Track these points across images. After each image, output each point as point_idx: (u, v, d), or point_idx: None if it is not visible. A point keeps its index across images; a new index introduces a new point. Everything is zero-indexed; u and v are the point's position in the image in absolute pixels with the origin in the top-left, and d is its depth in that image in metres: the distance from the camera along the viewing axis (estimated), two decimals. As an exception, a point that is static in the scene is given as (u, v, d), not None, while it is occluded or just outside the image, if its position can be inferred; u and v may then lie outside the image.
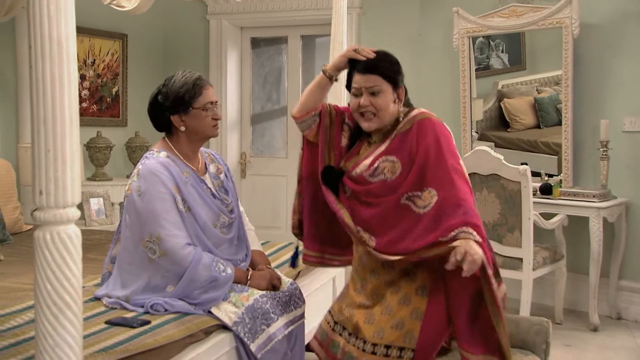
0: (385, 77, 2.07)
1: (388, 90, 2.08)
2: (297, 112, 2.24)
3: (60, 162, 1.33)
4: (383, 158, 2.07)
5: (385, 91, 2.07)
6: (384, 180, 2.04)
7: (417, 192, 1.98)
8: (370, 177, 2.07)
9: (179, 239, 2.11)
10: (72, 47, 1.35)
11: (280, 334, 2.22)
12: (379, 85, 2.06)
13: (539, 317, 2.28)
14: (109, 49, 5.06)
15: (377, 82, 2.07)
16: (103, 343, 1.78)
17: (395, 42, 4.93)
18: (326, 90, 2.26)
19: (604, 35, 4.11)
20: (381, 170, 2.05)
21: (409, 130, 2.06)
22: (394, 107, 2.10)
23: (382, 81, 2.07)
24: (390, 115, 2.10)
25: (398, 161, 2.04)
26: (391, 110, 2.09)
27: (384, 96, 2.07)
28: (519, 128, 4.51)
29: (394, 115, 2.11)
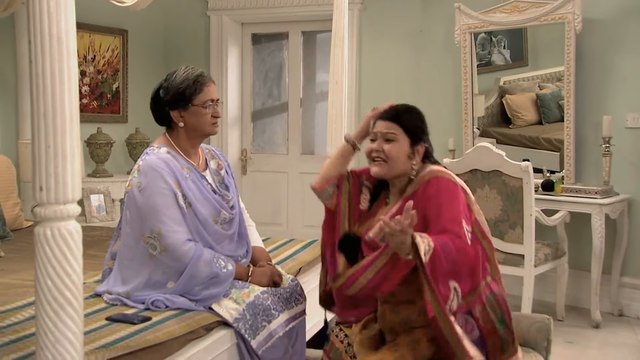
0: (403, 128, 2.03)
1: (404, 142, 2.02)
2: (317, 184, 2.21)
3: (61, 158, 1.33)
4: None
5: (400, 141, 2.02)
6: None
7: None
8: (381, 242, 1.99)
9: (180, 234, 2.10)
10: (72, 43, 1.34)
11: (281, 330, 2.21)
12: (396, 134, 2.03)
13: (540, 314, 2.28)
14: (109, 44, 5.05)
15: (394, 129, 2.03)
16: (104, 339, 1.77)
17: (396, 37, 4.92)
18: (349, 159, 2.22)
19: (607, 31, 4.09)
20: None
21: (416, 192, 1.99)
22: (407, 161, 2.03)
23: (399, 131, 2.03)
24: (400, 167, 2.03)
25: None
26: (402, 163, 2.03)
27: (398, 146, 2.02)
28: (521, 124, 4.50)
29: (406, 171, 2.04)
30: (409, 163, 2.04)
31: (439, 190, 1.94)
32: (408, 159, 2.03)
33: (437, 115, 4.75)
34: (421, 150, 2.04)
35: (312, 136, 5.54)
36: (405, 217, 1.70)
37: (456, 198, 1.93)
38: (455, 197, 1.93)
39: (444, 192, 1.94)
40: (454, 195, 1.94)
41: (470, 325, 1.89)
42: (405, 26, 4.87)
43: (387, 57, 4.97)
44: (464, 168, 3.67)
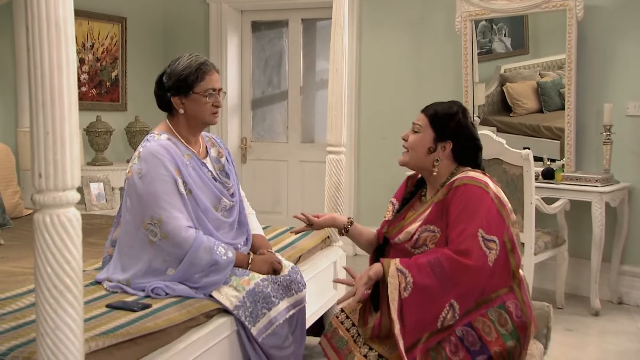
0: (430, 120, 2.04)
1: (427, 134, 2.03)
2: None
3: (60, 145, 1.32)
4: (423, 228, 2.00)
5: (423, 133, 2.04)
6: (427, 250, 1.98)
7: None
8: (413, 249, 2.02)
9: (180, 221, 2.10)
10: (70, 29, 1.33)
11: (281, 317, 2.22)
12: (421, 126, 2.05)
13: (540, 301, 2.28)
14: (108, 32, 5.02)
15: (422, 121, 2.06)
16: (104, 326, 1.77)
17: (396, 25, 4.89)
18: (364, 235, 2.31)
19: (609, 18, 4.07)
20: (423, 241, 2.00)
21: (444, 199, 1.98)
22: (426, 154, 2.03)
23: (426, 122, 2.05)
24: (418, 158, 2.04)
25: (439, 231, 1.97)
26: (420, 154, 2.04)
27: (419, 137, 2.04)
28: (522, 112, 4.49)
29: (426, 165, 2.05)
30: (429, 158, 2.04)
31: (462, 199, 1.92)
32: (428, 152, 2.03)
33: (437, 103, 4.75)
34: (447, 147, 2.03)
35: (312, 124, 5.53)
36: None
37: (480, 208, 1.90)
38: (480, 207, 1.90)
39: (467, 200, 1.91)
40: (477, 205, 1.90)
41: (471, 337, 1.87)
42: (405, 14, 4.85)
43: (387, 44, 4.95)
44: (464, 156, 3.66)
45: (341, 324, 2.14)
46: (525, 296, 1.95)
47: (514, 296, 1.92)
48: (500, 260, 1.89)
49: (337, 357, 2.08)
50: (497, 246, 1.88)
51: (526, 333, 1.91)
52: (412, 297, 1.84)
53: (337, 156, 3.25)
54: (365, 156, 5.10)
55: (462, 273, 1.83)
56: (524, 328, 1.91)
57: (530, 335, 1.93)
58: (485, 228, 1.87)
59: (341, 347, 2.08)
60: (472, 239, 1.85)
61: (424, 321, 1.85)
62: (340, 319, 2.16)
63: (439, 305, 1.84)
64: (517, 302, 1.92)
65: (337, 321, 2.16)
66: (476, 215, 1.88)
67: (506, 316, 1.90)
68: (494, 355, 1.87)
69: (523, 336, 1.91)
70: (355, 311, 2.14)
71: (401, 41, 4.90)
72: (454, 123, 2.04)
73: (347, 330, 2.11)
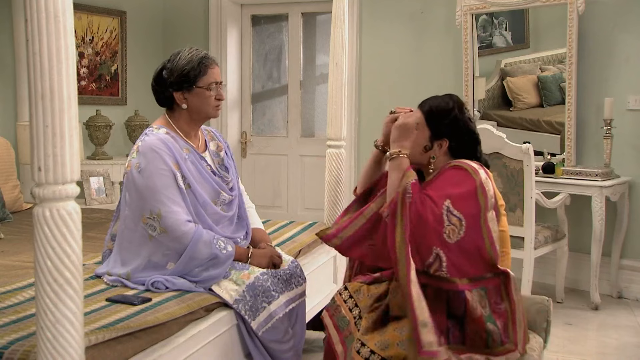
0: (425, 117, 2.04)
1: (424, 132, 2.03)
2: (358, 190, 2.24)
3: (59, 138, 1.32)
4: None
5: (421, 130, 2.03)
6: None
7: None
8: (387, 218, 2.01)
9: (180, 215, 2.10)
10: (69, 21, 1.33)
11: (281, 311, 2.22)
12: (418, 123, 2.04)
13: (540, 295, 2.28)
14: (107, 26, 5.01)
15: (418, 117, 2.05)
16: (104, 320, 1.77)
17: (397, 19, 4.88)
18: (382, 164, 2.22)
19: (610, 12, 4.06)
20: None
21: (432, 179, 2.01)
22: (421, 153, 2.03)
23: (422, 121, 2.04)
24: (414, 156, 2.03)
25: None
26: (416, 151, 2.03)
27: (416, 135, 2.04)
28: (522, 107, 4.48)
29: (422, 161, 2.05)
30: (425, 155, 2.04)
31: (446, 175, 1.94)
32: (424, 150, 2.03)
33: (437, 97, 4.74)
34: (444, 144, 2.03)
35: (312, 119, 5.52)
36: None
37: (458, 185, 1.90)
38: (458, 184, 1.90)
39: (449, 176, 1.93)
40: (457, 182, 1.91)
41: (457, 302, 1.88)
42: (406, 7, 4.83)
43: (387, 38, 4.93)
44: (464, 150, 3.66)
45: (344, 302, 2.14)
46: (512, 292, 1.94)
47: (498, 283, 1.93)
48: (467, 242, 1.88)
49: (339, 336, 2.08)
50: (460, 225, 1.88)
51: (505, 323, 1.91)
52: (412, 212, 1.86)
53: (337, 150, 3.25)
54: (366, 150, 5.09)
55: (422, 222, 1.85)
56: (501, 316, 1.91)
57: (518, 331, 1.92)
58: (453, 201, 1.87)
59: (342, 326, 2.08)
60: (437, 204, 1.86)
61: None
62: (343, 297, 2.15)
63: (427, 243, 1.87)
64: (500, 290, 1.93)
65: (340, 298, 2.15)
66: (452, 188, 1.89)
67: (486, 299, 1.91)
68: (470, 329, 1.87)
69: (502, 325, 1.90)
70: (359, 291, 2.14)
71: (401, 35, 4.88)
72: (449, 120, 2.03)
73: (350, 310, 2.11)
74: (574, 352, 3.21)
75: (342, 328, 2.07)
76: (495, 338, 1.89)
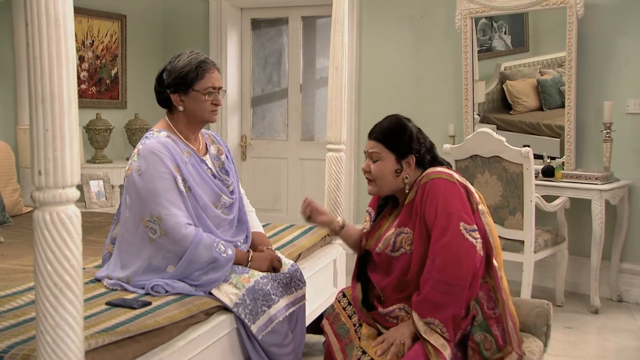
0: (386, 145, 2.02)
1: (389, 159, 2.02)
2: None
3: (59, 142, 1.31)
4: (398, 231, 2.01)
5: (385, 159, 2.02)
6: (405, 253, 1.99)
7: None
8: (392, 253, 2.02)
9: (180, 218, 2.10)
10: (69, 25, 1.33)
11: (281, 315, 2.21)
12: (378, 153, 2.03)
13: (539, 299, 2.28)
14: (107, 29, 5.02)
15: (376, 148, 2.03)
16: (104, 324, 1.77)
17: (397, 22, 4.89)
18: (349, 233, 2.27)
19: (609, 16, 4.06)
20: (399, 244, 2.00)
21: (414, 198, 1.99)
22: (395, 178, 2.03)
23: (382, 148, 2.03)
24: (389, 184, 2.03)
25: (411, 232, 1.98)
26: (390, 180, 2.03)
27: (382, 165, 2.03)
28: (522, 110, 4.48)
29: (398, 186, 2.04)
30: (398, 179, 2.03)
31: (435, 192, 1.93)
32: (396, 174, 2.02)
33: (437, 101, 4.75)
34: (411, 161, 2.02)
35: (312, 122, 5.53)
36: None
37: (453, 200, 1.91)
38: (452, 200, 1.91)
39: (440, 192, 1.92)
40: (450, 198, 1.91)
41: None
42: (405, 11, 4.84)
43: (387, 42, 4.94)
44: (464, 154, 3.66)
45: (343, 310, 2.14)
46: (501, 292, 1.94)
47: (488, 287, 1.94)
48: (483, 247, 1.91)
49: (339, 343, 2.08)
50: (479, 233, 1.90)
51: (502, 327, 1.91)
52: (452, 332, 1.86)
53: (337, 154, 3.25)
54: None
55: (461, 271, 1.84)
56: (498, 321, 1.91)
57: (510, 331, 1.92)
58: (465, 220, 1.89)
59: (343, 334, 2.08)
60: (457, 235, 1.86)
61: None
62: (342, 304, 2.15)
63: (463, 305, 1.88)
64: (491, 293, 1.93)
65: (339, 306, 2.16)
66: (453, 209, 1.89)
67: (477, 307, 1.91)
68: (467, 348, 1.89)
69: (498, 330, 1.91)
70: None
71: (401, 39, 4.89)
72: (407, 136, 2.03)
73: (349, 317, 2.11)
74: (574, 356, 3.21)
75: (342, 336, 2.08)
76: (487, 346, 1.89)
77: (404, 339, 1.88)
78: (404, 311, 1.99)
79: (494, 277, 1.94)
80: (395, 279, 2.02)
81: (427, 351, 1.81)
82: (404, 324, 1.93)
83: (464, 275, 1.84)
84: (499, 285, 1.94)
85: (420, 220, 1.95)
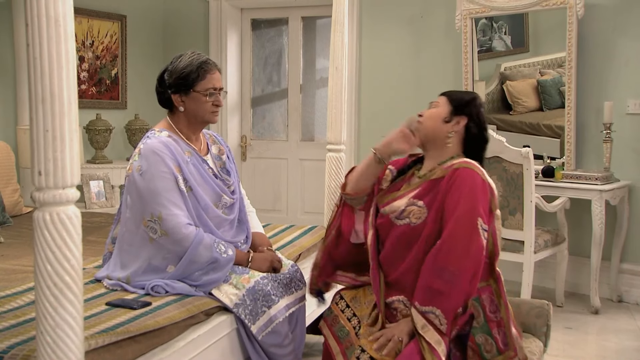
0: (448, 98, 2.09)
1: (444, 107, 2.06)
2: (351, 190, 2.16)
3: (59, 142, 1.32)
4: (411, 201, 2.00)
5: (441, 107, 2.07)
6: (408, 224, 1.98)
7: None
8: (395, 220, 2.01)
9: (180, 218, 2.10)
10: (69, 25, 1.33)
11: (281, 315, 2.21)
12: (438, 102, 2.10)
13: (539, 299, 2.28)
14: (107, 30, 5.02)
15: (440, 100, 2.10)
16: (104, 324, 1.77)
17: (397, 23, 4.89)
18: (377, 171, 2.15)
19: (609, 16, 4.07)
20: (407, 214, 1.99)
21: (441, 177, 1.98)
22: (441, 124, 2.04)
23: (443, 100, 2.09)
24: (432, 128, 2.04)
25: (423, 207, 1.97)
26: (436, 124, 2.04)
27: (436, 110, 2.07)
28: (522, 111, 4.48)
29: (439, 135, 2.04)
30: (444, 127, 2.04)
31: (464, 181, 1.92)
32: (444, 122, 2.04)
33: (437, 101, 4.74)
34: (462, 122, 2.04)
35: (312, 122, 5.53)
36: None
37: (480, 196, 1.91)
38: (479, 195, 1.91)
39: (468, 183, 1.92)
40: (478, 191, 1.92)
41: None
42: (405, 11, 4.84)
43: (387, 42, 4.94)
44: (464, 154, 3.66)
45: (341, 312, 2.14)
46: (504, 296, 1.94)
47: (491, 291, 1.93)
48: (487, 250, 1.91)
49: (339, 347, 2.08)
50: (488, 236, 1.91)
51: (504, 331, 1.91)
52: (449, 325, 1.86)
53: (337, 154, 3.26)
54: (365, 154, 5.06)
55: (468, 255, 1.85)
56: (499, 325, 1.91)
57: (513, 337, 1.91)
58: (483, 217, 1.89)
59: (342, 337, 2.08)
60: (473, 228, 1.86)
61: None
62: (340, 307, 2.15)
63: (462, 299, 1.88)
64: (494, 297, 1.93)
65: (337, 308, 2.16)
66: (477, 203, 1.89)
67: (479, 309, 1.90)
68: (467, 348, 1.89)
69: (500, 334, 1.90)
70: (356, 299, 2.14)
71: (401, 39, 4.89)
72: (469, 97, 2.09)
73: (349, 320, 2.11)
74: (574, 356, 3.21)
75: (342, 339, 2.08)
76: (488, 349, 1.89)
77: (402, 336, 1.88)
78: (402, 303, 1.98)
79: (498, 282, 1.94)
80: (390, 247, 2.02)
81: (421, 347, 1.81)
82: (404, 320, 1.93)
83: (468, 267, 1.84)
84: (502, 290, 1.94)
85: (440, 201, 1.94)
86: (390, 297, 2.01)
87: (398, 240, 2.00)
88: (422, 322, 1.84)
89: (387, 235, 2.05)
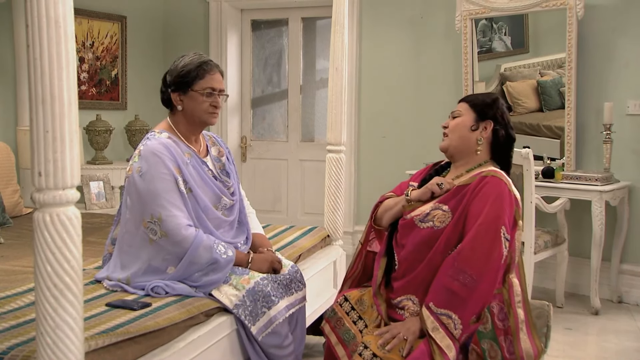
0: (470, 105, 2.09)
1: (468, 115, 2.07)
2: (386, 224, 2.18)
3: (59, 143, 1.32)
4: (436, 205, 2.00)
5: (464, 115, 2.07)
6: (432, 227, 1.98)
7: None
8: (419, 223, 2.01)
9: (180, 219, 2.10)
10: (69, 26, 1.33)
11: (281, 316, 2.21)
12: (460, 111, 2.10)
13: (540, 300, 2.28)
14: (107, 31, 5.02)
15: (460, 107, 2.11)
16: (104, 325, 1.77)
17: (397, 24, 4.89)
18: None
19: (609, 17, 4.07)
20: (431, 217, 1.99)
21: (469, 183, 1.98)
22: (468, 133, 2.05)
23: (465, 107, 2.09)
24: (461, 138, 2.06)
25: (448, 211, 1.97)
26: (463, 133, 2.05)
27: (461, 120, 2.08)
28: (522, 112, 4.48)
29: (468, 143, 2.05)
30: (472, 136, 2.05)
31: (491, 190, 1.93)
32: (471, 131, 2.05)
33: (437, 102, 4.75)
34: (488, 127, 2.05)
35: (312, 123, 5.53)
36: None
37: (506, 205, 1.92)
38: (506, 205, 1.92)
39: (495, 192, 1.92)
40: (504, 200, 1.92)
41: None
42: (405, 12, 4.84)
43: (387, 43, 4.94)
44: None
45: (346, 315, 2.13)
46: (515, 305, 1.94)
47: (501, 299, 1.93)
48: (505, 259, 1.91)
49: (344, 350, 2.07)
50: (509, 246, 1.92)
51: (511, 340, 1.90)
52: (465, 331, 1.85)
53: (337, 155, 3.25)
54: (365, 155, 5.09)
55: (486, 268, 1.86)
56: (506, 333, 1.91)
57: (522, 348, 1.90)
58: (506, 226, 1.90)
59: (348, 340, 2.08)
60: (496, 236, 1.87)
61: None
62: (345, 309, 2.15)
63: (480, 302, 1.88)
64: (503, 306, 1.93)
65: (341, 310, 2.15)
66: (502, 212, 1.90)
67: (488, 315, 1.90)
68: (470, 350, 1.89)
69: (506, 342, 1.90)
70: (362, 301, 2.13)
71: (401, 40, 4.89)
72: (491, 100, 2.09)
73: (354, 323, 2.10)
74: (574, 357, 3.21)
75: (348, 342, 2.07)
76: (493, 355, 1.89)
77: (408, 335, 1.87)
78: (410, 301, 1.98)
79: (510, 291, 1.94)
80: (412, 248, 2.01)
81: (432, 350, 1.80)
82: (412, 319, 1.92)
83: (487, 273, 1.84)
84: (513, 300, 1.94)
85: (464, 206, 1.94)
86: (398, 296, 2.02)
87: (420, 242, 2.00)
88: (433, 323, 1.84)
89: (407, 236, 2.05)
